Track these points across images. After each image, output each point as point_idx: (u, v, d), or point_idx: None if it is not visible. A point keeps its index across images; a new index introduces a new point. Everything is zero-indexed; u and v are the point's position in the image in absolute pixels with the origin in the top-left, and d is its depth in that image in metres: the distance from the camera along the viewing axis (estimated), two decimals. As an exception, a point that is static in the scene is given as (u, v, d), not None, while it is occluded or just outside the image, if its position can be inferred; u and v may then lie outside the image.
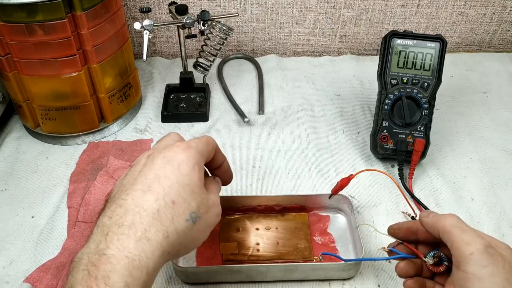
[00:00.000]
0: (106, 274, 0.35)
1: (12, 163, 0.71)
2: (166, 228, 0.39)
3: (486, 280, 0.38)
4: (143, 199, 0.40)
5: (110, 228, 0.38)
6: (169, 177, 0.41)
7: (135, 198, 0.40)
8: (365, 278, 0.55)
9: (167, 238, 0.39)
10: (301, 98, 0.84)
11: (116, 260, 0.36)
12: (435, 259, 0.45)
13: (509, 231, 0.60)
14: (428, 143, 0.67)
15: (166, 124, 0.78)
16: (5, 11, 0.59)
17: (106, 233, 0.38)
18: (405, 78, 0.68)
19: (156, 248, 0.38)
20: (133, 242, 0.37)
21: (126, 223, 0.38)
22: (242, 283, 0.54)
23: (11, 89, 0.69)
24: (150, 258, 0.38)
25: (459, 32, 0.96)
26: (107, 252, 0.37)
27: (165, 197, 0.40)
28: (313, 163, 0.71)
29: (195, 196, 0.42)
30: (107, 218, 0.39)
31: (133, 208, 0.39)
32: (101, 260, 0.36)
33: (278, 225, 0.59)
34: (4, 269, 0.56)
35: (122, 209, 0.39)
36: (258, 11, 0.91)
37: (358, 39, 0.96)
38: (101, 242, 0.38)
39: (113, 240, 0.37)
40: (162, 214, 0.40)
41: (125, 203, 0.40)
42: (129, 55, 0.75)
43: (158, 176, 0.41)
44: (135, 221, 0.39)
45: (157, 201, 0.40)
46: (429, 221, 0.44)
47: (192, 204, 0.42)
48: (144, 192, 0.40)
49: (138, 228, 0.38)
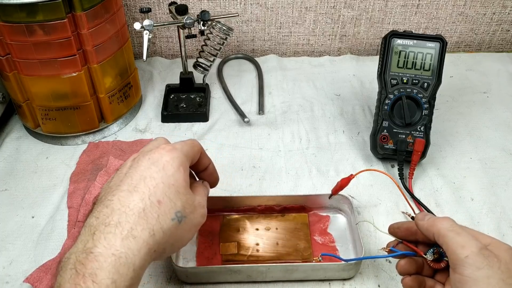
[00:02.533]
0: (93, 271, 0.36)
1: (12, 163, 0.71)
2: (152, 226, 0.40)
3: (481, 282, 0.38)
4: (129, 199, 0.41)
5: (97, 227, 0.39)
6: (154, 178, 0.42)
7: (121, 198, 0.41)
8: (365, 278, 0.55)
9: (153, 236, 0.40)
10: (301, 98, 0.84)
11: (103, 258, 0.37)
12: (435, 256, 0.45)
13: (509, 231, 0.60)
14: (428, 143, 0.67)
15: (166, 124, 0.78)
16: (5, 11, 0.59)
17: (93, 233, 0.39)
18: (405, 78, 0.68)
19: (142, 245, 0.39)
20: (120, 240, 0.38)
21: (112, 222, 0.39)
22: (242, 283, 0.54)
23: (11, 89, 0.69)
24: (136, 255, 0.38)
25: (459, 32, 0.96)
26: (94, 250, 0.37)
27: (151, 197, 0.41)
28: (313, 163, 0.71)
29: (181, 196, 0.43)
30: (94, 218, 0.40)
31: (119, 208, 0.40)
32: (88, 258, 0.37)
33: (278, 226, 0.59)
34: (4, 269, 0.56)
35: (108, 209, 0.40)
36: (258, 11, 0.91)
37: (358, 39, 0.96)
38: (88, 241, 0.38)
39: (100, 239, 0.38)
40: (148, 213, 0.40)
41: (111, 203, 0.41)
42: (129, 55, 0.75)
43: (143, 177, 0.42)
44: (121, 220, 0.39)
45: (143, 201, 0.41)
46: (424, 224, 0.44)
47: (178, 203, 0.43)
48: (130, 192, 0.41)
49: (125, 226, 0.39)
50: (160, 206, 0.41)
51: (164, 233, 0.41)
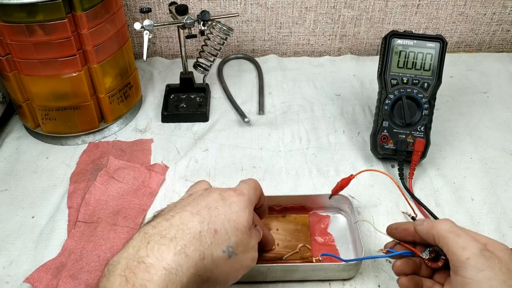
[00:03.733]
0: (143, 283, 0.36)
1: (12, 163, 0.71)
2: (204, 250, 0.41)
3: (483, 284, 0.38)
4: (189, 219, 0.42)
5: (152, 237, 0.40)
6: (218, 209, 0.44)
7: (182, 217, 0.42)
8: (365, 278, 0.55)
9: (202, 260, 0.40)
10: (301, 98, 0.84)
11: (154, 270, 0.37)
12: (432, 255, 0.45)
13: (509, 231, 0.60)
14: (428, 143, 0.67)
15: (166, 124, 0.78)
16: (5, 11, 0.59)
17: (147, 241, 0.39)
18: (405, 78, 0.68)
19: (191, 265, 0.39)
20: (172, 255, 0.39)
21: (168, 235, 0.40)
22: (242, 283, 0.54)
23: (11, 89, 0.69)
24: (185, 273, 0.39)
25: (459, 32, 0.96)
26: (146, 260, 0.38)
27: (209, 224, 0.42)
28: (313, 163, 0.71)
29: (237, 233, 0.44)
30: (151, 227, 0.41)
31: (178, 225, 0.41)
32: (140, 267, 0.37)
33: (279, 226, 0.59)
34: (4, 269, 0.56)
35: (167, 223, 0.41)
36: (258, 11, 0.91)
37: (358, 39, 0.96)
38: (141, 248, 0.39)
39: (153, 248, 0.39)
40: (202, 237, 0.41)
41: (171, 219, 0.42)
42: (129, 55, 0.75)
43: (209, 206, 0.44)
44: (177, 235, 0.40)
45: (201, 224, 0.42)
46: (424, 228, 0.44)
47: (232, 239, 0.43)
48: (192, 214, 0.43)
49: (179, 242, 0.40)
50: (216, 235, 0.42)
51: (213, 261, 0.42)
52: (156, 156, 0.72)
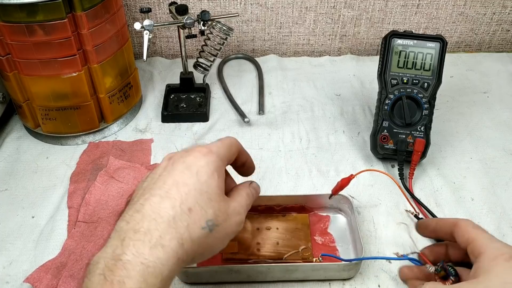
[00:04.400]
0: (121, 279, 0.36)
1: (12, 163, 0.71)
2: (181, 235, 0.40)
3: None
4: (160, 206, 0.41)
5: (126, 233, 0.39)
6: (187, 184, 0.42)
7: (153, 204, 0.41)
8: (365, 278, 0.55)
9: (182, 246, 0.40)
10: (301, 98, 0.84)
11: (132, 266, 0.37)
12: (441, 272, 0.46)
13: (509, 231, 0.60)
14: (428, 143, 0.67)
15: (166, 124, 0.78)
16: (5, 11, 0.59)
17: (122, 238, 0.39)
18: (405, 78, 0.68)
19: (170, 255, 0.39)
20: (148, 249, 0.38)
21: (142, 229, 0.39)
22: (242, 283, 0.54)
23: (11, 89, 0.69)
24: (164, 265, 0.38)
25: (459, 32, 0.96)
26: (123, 257, 0.37)
27: (182, 205, 0.41)
28: (313, 163, 0.71)
29: (213, 204, 0.42)
30: (124, 222, 0.40)
31: (150, 214, 0.40)
32: (117, 265, 0.37)
33: (279, 226, 0.59)
34: (4, 269, 0.56)
35: (139, 214, 0.40)
36: (258, 11, 0.91)
37: (358, 39, 0.96)
38: (118, 247, 0.38)
39: (129, 245, 0.38)
40: (177, 221, 0.40)
41: (142, 208, 0.41)
42: (129, 55, 0.75)
43: (176, 182, 0.42)
44: (151, 227, 0.39)
45: (174, 208, 0.40)
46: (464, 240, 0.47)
47: (209, 211, 0.42)
48: (162, 198, 0.41)
49: (153, 234, 0.39)
50: (191, 214, 0.41)
51: (193, 243, 0.41)
52: (156, 156, 0.72)
